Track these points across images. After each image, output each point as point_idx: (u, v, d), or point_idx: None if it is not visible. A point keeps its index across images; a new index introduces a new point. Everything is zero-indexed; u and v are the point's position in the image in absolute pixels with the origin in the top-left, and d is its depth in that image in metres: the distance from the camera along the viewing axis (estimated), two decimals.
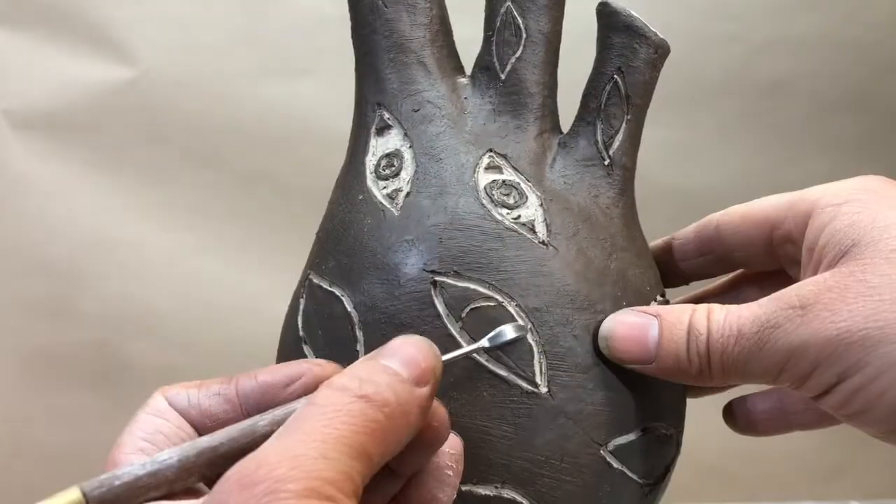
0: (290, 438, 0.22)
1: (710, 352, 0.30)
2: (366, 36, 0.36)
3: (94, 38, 0.66)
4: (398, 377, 0.24)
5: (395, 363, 0.25)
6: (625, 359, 0.32)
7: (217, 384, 0.27)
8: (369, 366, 0.24)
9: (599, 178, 0.35)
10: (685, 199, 0.70)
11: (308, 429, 0.22)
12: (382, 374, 0.24)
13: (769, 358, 0.29)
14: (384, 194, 0.34)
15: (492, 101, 0.36)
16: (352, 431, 0.22)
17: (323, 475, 0.21)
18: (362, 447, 0.22)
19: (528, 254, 0.32)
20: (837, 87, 0.71)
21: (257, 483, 0.20)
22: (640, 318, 0.32)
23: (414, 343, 0.26)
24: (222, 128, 0.67)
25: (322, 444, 0.21)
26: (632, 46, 0.35)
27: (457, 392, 0.31)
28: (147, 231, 0.68)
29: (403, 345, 0.25)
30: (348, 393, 0.23)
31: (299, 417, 0.23)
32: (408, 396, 0.24)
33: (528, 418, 0.31)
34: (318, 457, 0.21)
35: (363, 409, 0.23)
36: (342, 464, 0.21)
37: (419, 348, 0.25)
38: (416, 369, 0.25)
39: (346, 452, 0.22)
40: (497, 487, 0.31)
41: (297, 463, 0.21)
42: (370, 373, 0.24)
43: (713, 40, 0.69)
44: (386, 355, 0.25)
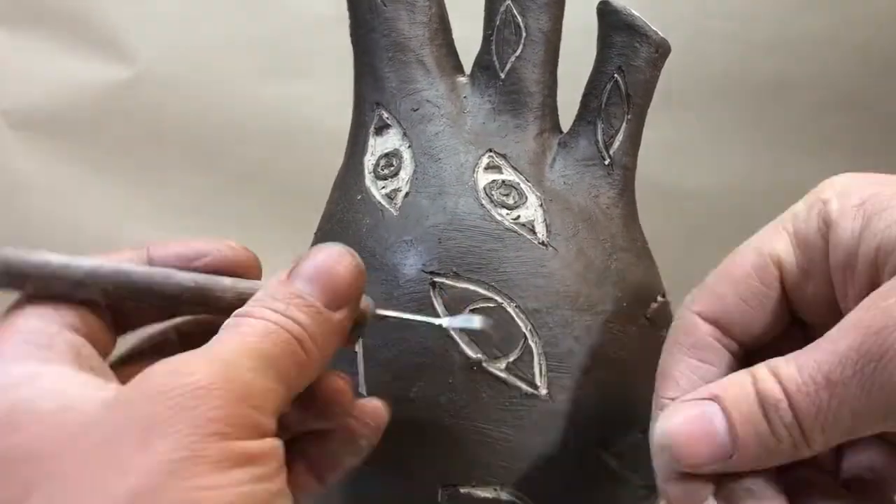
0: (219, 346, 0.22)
1: (800, 418, 0.24)
2: (364, 35, 0.36)
3: (94, 37, 0.66)
4: (313, 308, 0.24)
5: (310, 288, 0.24)
6: (698, 462, 0.25)
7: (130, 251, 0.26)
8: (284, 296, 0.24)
9: (600, 177, 0.35)
10: (685, 199, 0.70)
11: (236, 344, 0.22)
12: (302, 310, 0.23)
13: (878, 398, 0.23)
14: (383, 194, 0.34)
15: (491, 100, 0.35)
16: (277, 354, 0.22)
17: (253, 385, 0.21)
18: (286, 374, 0.22)
19: (527, 254, 0.32)
20: (837, 87, 0.70)
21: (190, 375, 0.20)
22: (694, 407, 0.25)
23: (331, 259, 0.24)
24: (222, 128, 0.67)
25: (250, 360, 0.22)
26: (633, 45, 0.35)
27: (456, 393, 0.31)
28: (146, 231, 0.68)
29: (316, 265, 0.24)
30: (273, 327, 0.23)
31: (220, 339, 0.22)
32: (323, 327, 0.24)
33: (528, 420, 0.31)
34: (248, 368, 0.21)
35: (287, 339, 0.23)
36: (269, 380, 0.22)
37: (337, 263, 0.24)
38: (332, 294, 0.24)
39: (274, 375, 0.22)
40: (496, 489, 0.31)
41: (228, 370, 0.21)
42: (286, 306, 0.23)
43: (713, 40, 0.69)
44: (300, 277, 0.24)
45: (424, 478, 0.31)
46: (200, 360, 0.21)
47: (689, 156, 0.71)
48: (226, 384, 0.21)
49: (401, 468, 0.32)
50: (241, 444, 0.20)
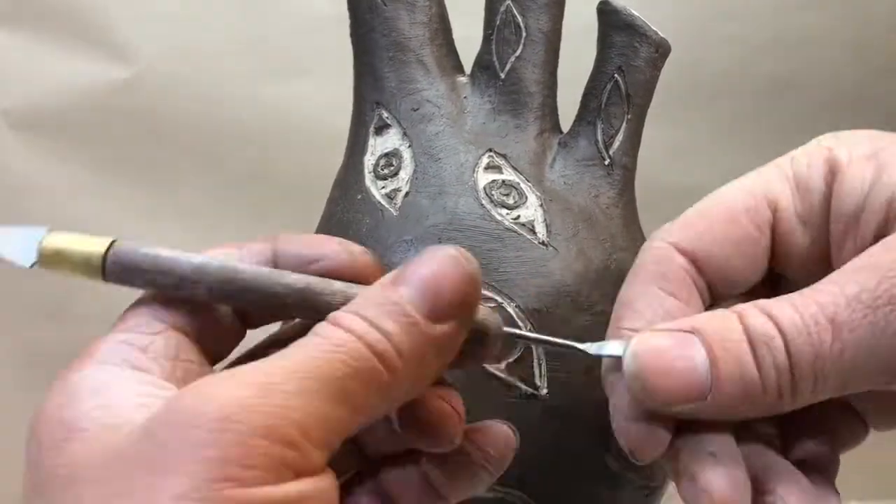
0: (270, 362, 0.19)
1: (794, 360, 0.21)
2: (364, 35, 0.36)
3: (94, 37, 0.66)
4: (411, 320, 0.20)
5: (413, 295, 0.20)
6: (671, 400, 0.22)
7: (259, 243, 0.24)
8: (380, 302, 0.20)
9: (599, 177, 0.35)
10: (685, 199, 0.69)
11: (294, 359, 0.19)
12: (391, 318, 0.20)
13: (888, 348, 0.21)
14: (383, 194, 0.34)
15: (491, 100, 0.35)
16: (344, 375, 0.19)
17: (294, 416, 0.17)
18: (351, 394, 0.19)
19: (527, 254, 0.32)
20: (837, 87, 0.70)
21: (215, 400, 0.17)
22: (672, 338, 0.23)
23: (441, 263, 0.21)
24: (222, 127, 0.67)
25: (303, 381, 0.18)
26: (632, 45, 0.35)
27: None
28: (146, 231, 0.68)
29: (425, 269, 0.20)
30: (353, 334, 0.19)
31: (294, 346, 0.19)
32: (421, 340, 0.20)
33: (528, 420, 0.31)
34: (293, 393, 0.18)
35: (364, 354, 0.19)
36: (322, 408, 0.18)
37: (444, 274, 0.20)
38: (435, 304, 0.20)
39: (330, 397, 0.18)
40: (496, 489, 0.31)
41: (266, 395, 0.17)
42: (378, 314, 0.20)
43: (713, 40, 0.69)
44: (405, 282, 0.20)
45: None
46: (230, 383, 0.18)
47: (690, 156, 0.70)
48: (248, 415, 0.17)
49: None
50: (262, 490, 0.17)
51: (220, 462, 0.17)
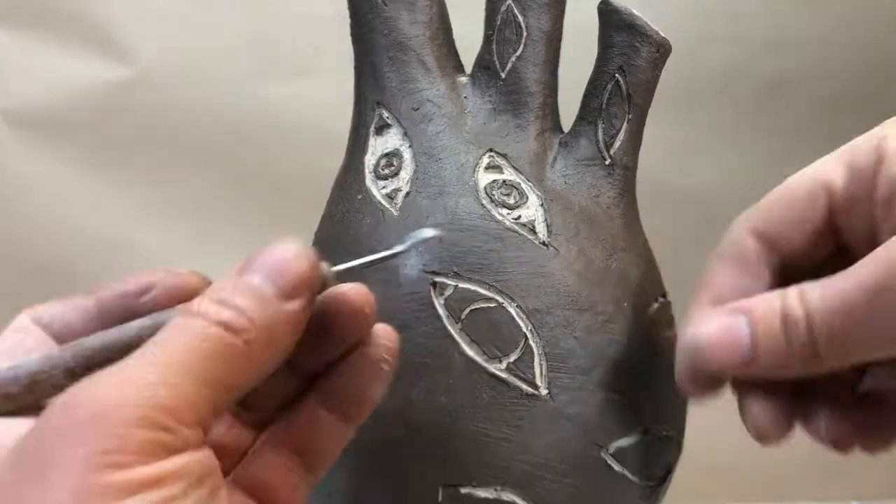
0: (132, 362, 0.20)
1: (816, 335, 0.26)
2: (365, 34, 0.36)
3: (94, 37, 0.66)
4: (262, 296, 0.22)
5: (260, 277, 0.22)
6: (721, 367, 0.28)
7: (79, 297, 0.26)
8: (231, 284, 0.22)
9: (600, 177, 0.35)
10: (685, 199, 0.70)
11: (155, 352, 0.20)
12: (244, 294, 0.22)
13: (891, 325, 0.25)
14: (383, 194, 0.34)
15: (492, 100, 0.35)
16: (202, 357, 0.20)
17: (160, 402, 0.19)
18: (213, 374, 0.20)
19: (528, 254, 0.32)
20: (837, 87, 0.70)
21: (83, 404, 0.19)
22: (727, 318, 0.28)
23: (283, 250, 0.23)
24: (222, 127, 0.67)
25: (164, 369, 0.20)
26: (633, 45, 0.35)
27: (456, 394, 0.31)
28: (146, 230, 0.68)
29: (271, 253, 0.23)
30: (206, 318, 0.21)
31: (150, 342, 0.21)
32: (273, 316, 0.22)
33: (529, 420, 0.31)
34: (157, 381, 0.19)
35: (219, 334, 0.21)
36: (185, 390, 0.20)
37: (287, 259, 0.23)
38: (283, 281, 0.22)
39: (193, 378, 0.20)
40: (497, 490, 0.31)
41: (131, 387, 0.19)
42: (231, 293, 0.22)
43: (714, 40, 0.69)
44: (251, 268, 0.22)
45: (425, 478, 0.31)
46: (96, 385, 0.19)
47: (690, 156, 0.71)
48: (119, 409, 0.19)
49: (401, 468, 0.32)
50: (138, 470, 0.19)
51: (96, 455, 0.18)
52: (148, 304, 0.25)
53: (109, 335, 0.23)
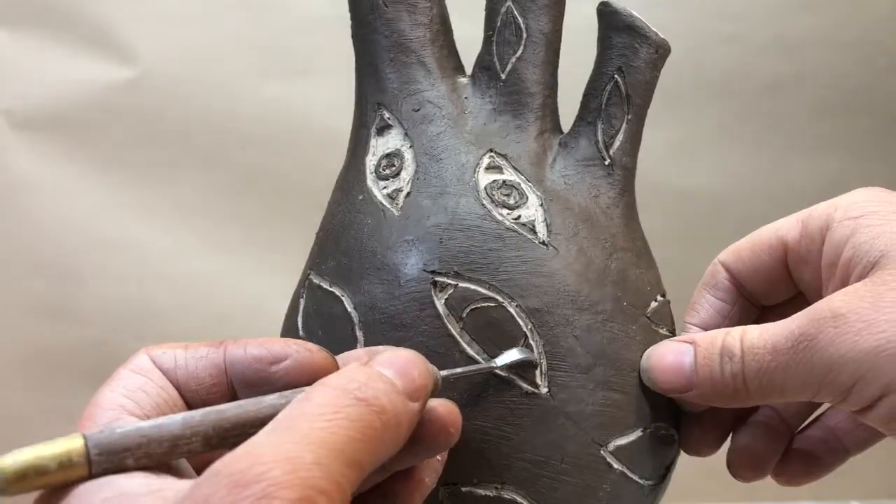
0: (285, 436, 0.21)
1: (745, 371, 0.30)
2: (366, 35, 0.36)
3: (94, 38, 0.66)
4: (394, 387, 0.23)
5: (391, 373, 0.24)
6: (667, 389, 0.32)
7: (205, 347, 0.26)
8: (366, 371, 0.24)
9: (600, 177, 0.35)
10: (685, 199, 0.70)
11: (305, 429, 0.21)
12: (379, 381, 0.23)
13: (807, 372, 0.29)
14: (384, 194, 0.34)
15: (492, 100, 0.35)
16: (348, 437, 0.21)
17: (317, 484, 0.20)
18: (356, 455, 0.21)
19: (528, 254, 0.32)
20: (837, 87, 0.70)
21: (251, 483, 0.19)
22: (676, 346, 0.32)
23: (409, 356, 0.25)
24: (222, 128, 0.67)
25: (318, 449, 0.21)
26: (632, 46, 0.35)
27: (456, 392, 0.31)
28: (147, 231, 0.68)
29: (398, 356, 0.25)
30: (347, 395, 0.22)
31: (294, 414, 0.22)
32: (402, 407, 0.23)
33: (529, 419, 0.31)
34: (313, 463, 0.20)
35: (361, 413, 0.22)
36: (336, 472, 0.21)
37: (414, 363, 0.25)
38: (410, 383, 0.24)
39: (341, 460, 0.21)
40: (497, 488, 0.31)
41: (292, 467, 0.20)
42: (368, 378, 0.23)
43: (713, 40, 0.69)
44: (381, 364, 0.24)
45: None
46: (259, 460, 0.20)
47: (689, 156, 0.71)
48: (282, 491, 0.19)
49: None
50: None
51: None
52: (279, 374, 0.26)
53: (247, 407, 0.24)
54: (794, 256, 0.33)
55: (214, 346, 0.26)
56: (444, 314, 0.31)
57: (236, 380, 0.26)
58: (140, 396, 0.25)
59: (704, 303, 0.35)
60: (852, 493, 0.73)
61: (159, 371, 0.26)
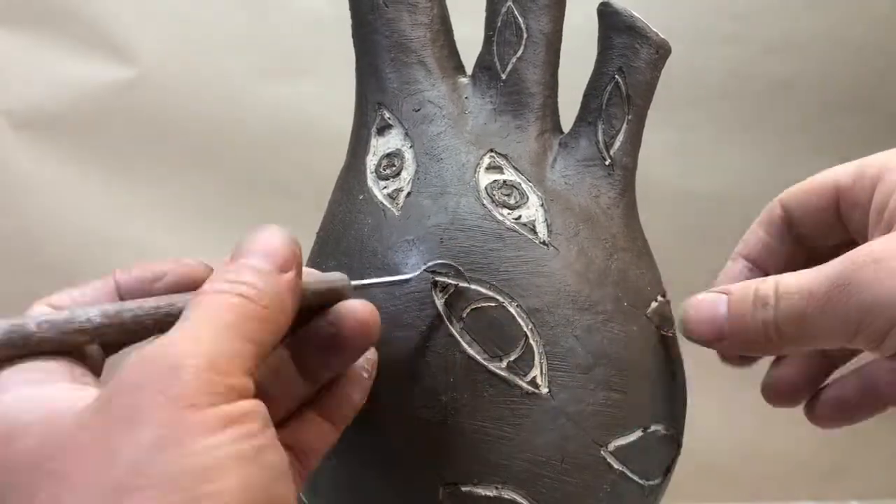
0: (184, 328, 0.23)
1: (778, 317, 0.30)
2: (366, 35, 0.36)
3: (94, 38, 0.66)
4: (262, 271, 0.25)
5: (256, 259, 0.25)
6: (700, 338, 0.32)
7: (97, 282, 0.28)
8: (235, 267, 0.25)
9: (600, 178, 0.35)
10: (685, 199, 0.70)
11: (201, 317, 0.23)
12: (249, 272, 0.25)
13: (843, 317, 0.28)
14: (385, 194, 0.34)
15: (493, 100, 0.36)
16: (236, 319, 0.24)
17: (217, 350, 0.22)
18: (249, 332, 0.24)
19: (528, 254, 0.32)
20: (838, 87, 0.70)
21: (159, 359, 0.22)
22: (711, 296, 0.32)
23: (265, 235, 0.26)
24: (223, 128, 0.67)
25: (213, 330, 0.23)
26: (633, 46, 0.35)
27: (457, 392, 0.31)
28: (147, 231, 0.68)
29: (255, 239, 0.26)
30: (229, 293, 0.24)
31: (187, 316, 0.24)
32: (277, 285, 0.25)
33: (529, 419, 0.31)
34: (210, 338, 0.23)
35: (243, 303, 0.24)
36: (232, 344, 0.23)
37: (274, 237, 0.26)
38: (276, 258, 0.26)
39: (236, 336, 0.23)
40: (497, 488, 0.31)
41: (195, 343, 0.22)
42: (238, 274, 0.25)
43: (713, 40, 0.69)
44: (246, 253, 0.26)
45: (425, 476, 0.31)
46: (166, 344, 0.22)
47: (690, 156, 0.71)
48: (191, 360, 0.22)
49: (402, 467, 0.32)
50: (218, 409, 0.22)
51: (180, 397, 0.21)
52: (160, 289, 0.28)
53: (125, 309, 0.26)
54: (847, 200, 0.33)
55: (104, 278, 0.28)
56: (445, 314, 0.31)
57: None
58: None
59: (754, 237, 0.36)
60: (852, 493, 0.73)
61: None
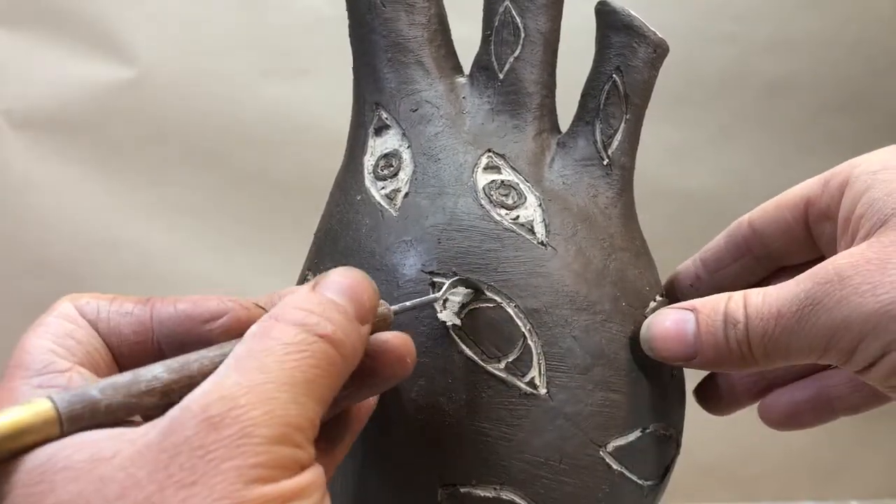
0: (256, 376, 0.21)
1: (750, 336, 0.30)
2: (364, 35, 0.36)
3: (94, 38, 0.66)
4: (347, 315, 0.23)
5: (342, 299, 0.23)
6: (668, 357, 0.32)
7: (132, 303, 0.25)
8: (319, 301, 0.23)
9: (598, 177, 0.35)
10: (684, 199, 0.70)
11: (274, 368, 0.21)
12: (335, 311, 0.23)
13: (812, 335, 0.29)
14: (382, 195, 0.34)
15: (490, 100, 0.35)
16: (315, 374, 0.22)
17: (293, 421, 0.21)
18: (322, 390, 0.22)
19: (526, 254, 0.32)
20: (837, 87, 0.70)
21: (230, 424, 0.20)
22: (677, 314, 0.32)
23: (356, 278, 0.24)
24: (222, 128, 0.67)
25: (292, 388, 0.21)
26: (631, 46, 0.35)
27: (455, 393, 0.31)
28: (147, 231, 0.68)
29: (346, 279, 0.24)
30: (309, 332, 0.22)
31: (257, 352, 0.22)
32: (356, 335, 0.23)
33: (527, 419, 0.31)
34: (289, 401, 0.21)
35: (325, 350, 0.22)
36: (309, 409, 0.21)
37: (363, 285, 0.24)
38: (360, 307, 0.24)
39: (312, 396, 0.21)
40: (496, 489, 0.31)
41: (269, 407, 0.20)
42: (323, 309, 0.23)
43: (713, 40, 0.69)
44: (331, 290, 0.24)
45: (424, 477, 0.31)
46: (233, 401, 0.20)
47: (689, 156, 0.71)
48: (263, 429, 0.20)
49: (401, 468, 0.32)
50: (284, 484, 0.20)
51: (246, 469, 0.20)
52: (215, 332, 0.25)
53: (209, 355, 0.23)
54: (815, 212, 0.33)
55: (141, 302, 0.26)
56: (443, 315, 0.31)
57: (165, 339, 0.25)
58: (70, 343, 0.24)
59: (714, 244, 0.36)
60: (852, 494, 0.73)
61: (85, 321, 0.25)
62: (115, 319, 0.25)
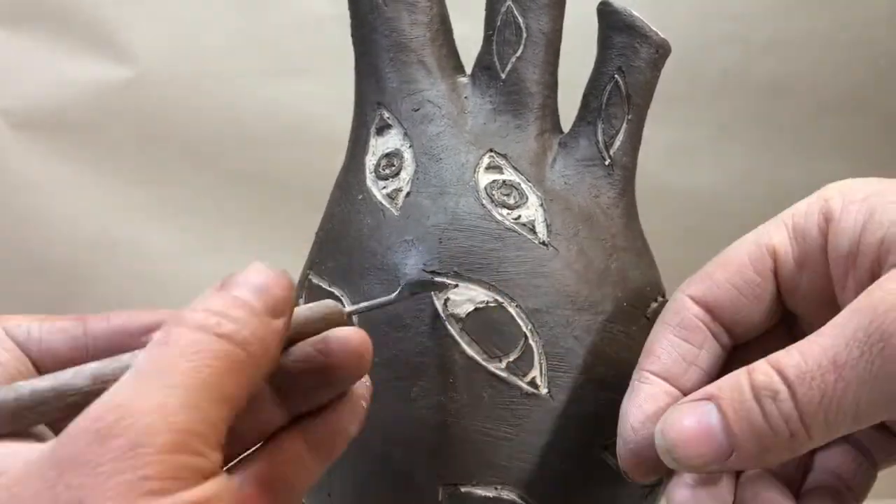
0: (150, 383, 0.20)
1: (801, 406, 0.24)
2: (365, 35, 0.36)
3: (94, 38, 0.66)
4: (253, 310, 0.22)
5: (248, 294, 0.22)
6: (699, 463, 0.25)
7: (64, 321, 0.25)
8: (223, 299, 0.22)
9: (600, 178, 0.35)
10: (685, 199, 0.70)
11: (169, 372, 0.20)
12: (238, 308, 0.21)
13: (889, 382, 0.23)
14: (384, 194, 0.34)
15: (492, 100, 0.35)
16: (215, 375, 0.20)
17: (190, 427, 0.19)
18: (225, 390, 0.20)
19: (528, 254, 0.32)
20: (837, 87, 0.70)
21: (119, 435, 0.19)
22: (693, 408, 0.25)
23: (266, 272, 0.23)
24: (222, 128, 0.67)
25: (186, 392, 0.20)
26: (633, 46, 0.35)
27: (456, 393, 0.31)
28: (147, 231, 0.68)
29: (253, 274, 0.23)
30: (207, 331, 0.21)
31: (154, 359, 0.20)
32: (265, 331, 0.22)
33: (528, 419, 0.31)
34: (183, 405, 0.19)
35: (226, 349, 0.21)
36: (210, 413, 0.20)
37: (271, 276, 0.23)
38: (270, 300, 0.22)
39: (211, 398, 0.20)
40: (497, 488, 0.31)
41: (162, 413, 0.19)
42: (226, 307, 0.21)
43: (713, 40, 0.69)
44: (237, 286, 0.22)
45: (425, 477, 0.31)
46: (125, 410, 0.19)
47: (689, 156, 0.71)
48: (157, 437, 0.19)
49: (401, 468, 0.32)
50: (181, 496, 0.19)
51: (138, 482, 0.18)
52: None
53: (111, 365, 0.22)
54: (788, 265, 0.28)
55: (74, 319, 0.25)
56: (444, 314, 0.31)
57: (102, 355, 0.24)
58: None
59: (667, 345, 0.29)
60: None
61: (13, 343, 0.24)
62: (48, 339, 0.25)
